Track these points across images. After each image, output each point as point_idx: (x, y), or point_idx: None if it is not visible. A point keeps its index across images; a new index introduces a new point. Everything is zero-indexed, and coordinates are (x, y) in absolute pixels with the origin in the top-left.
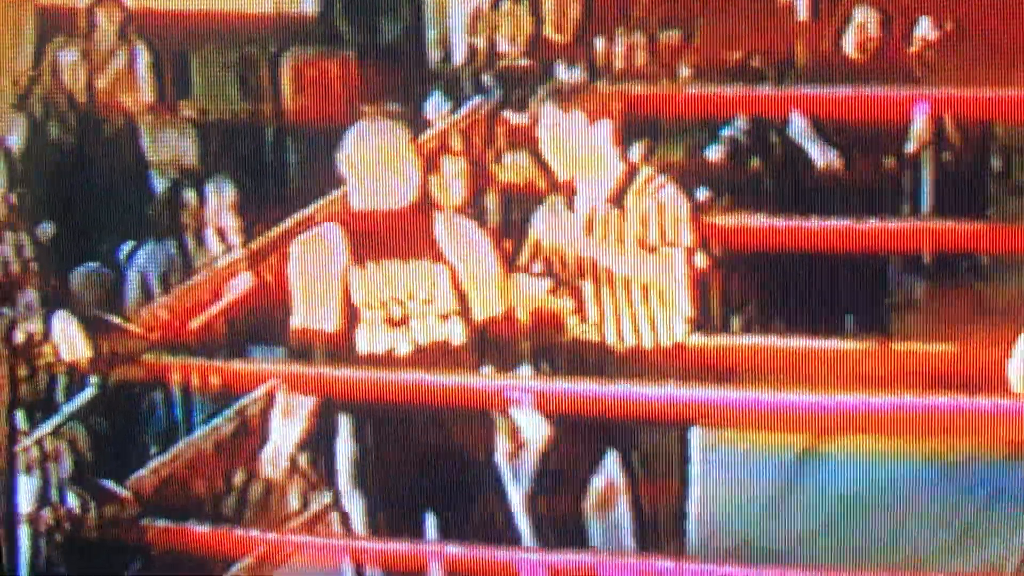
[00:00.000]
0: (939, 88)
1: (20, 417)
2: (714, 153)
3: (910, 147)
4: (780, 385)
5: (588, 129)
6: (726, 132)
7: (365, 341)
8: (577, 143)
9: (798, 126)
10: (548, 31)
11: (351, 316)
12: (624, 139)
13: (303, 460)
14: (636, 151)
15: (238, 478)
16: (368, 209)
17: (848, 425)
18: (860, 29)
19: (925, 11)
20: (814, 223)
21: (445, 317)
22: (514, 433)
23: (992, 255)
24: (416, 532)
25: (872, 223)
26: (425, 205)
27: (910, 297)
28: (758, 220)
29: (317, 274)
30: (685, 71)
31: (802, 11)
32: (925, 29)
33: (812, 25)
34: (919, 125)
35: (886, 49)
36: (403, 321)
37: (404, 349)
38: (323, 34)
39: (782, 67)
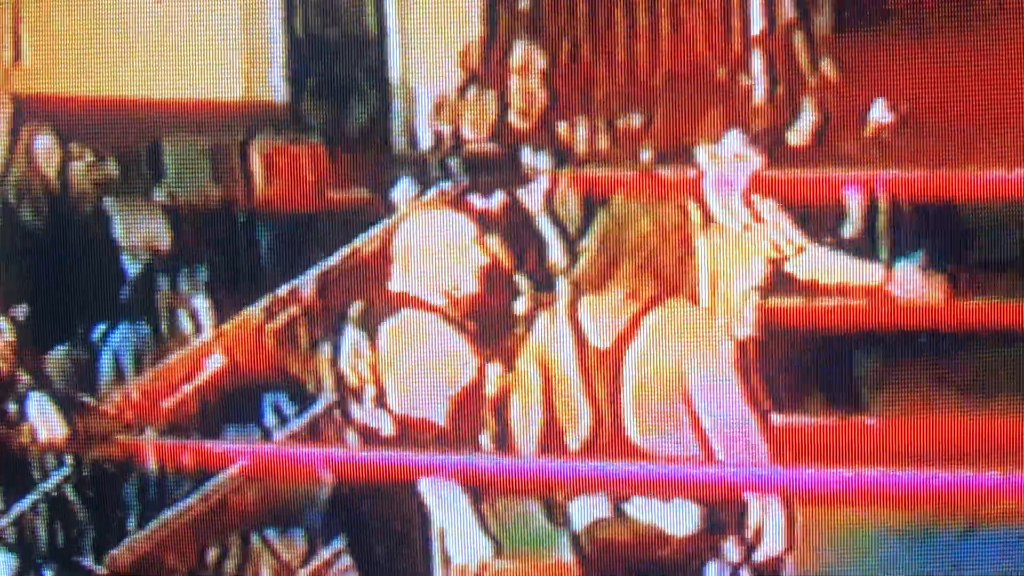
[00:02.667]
0: (893, 169)
1: None
2: None
3: (852, 229)
4: None
5: None
6: None
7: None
8: None
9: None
10: (512, 117)
11: None
12: None
13: (273, 536)
14: None
15: (212, 555)
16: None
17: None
18: (810, 114)
19: (880, 94)
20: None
21: None
22: None
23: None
24: None
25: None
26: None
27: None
28: None
29: None
30: (646, 154)
31: (760, 93)
32: (880, 112)
33: (768, 108)
34: (858, 206)
35: (836, 133)
36: None
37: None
38: (292, 122)
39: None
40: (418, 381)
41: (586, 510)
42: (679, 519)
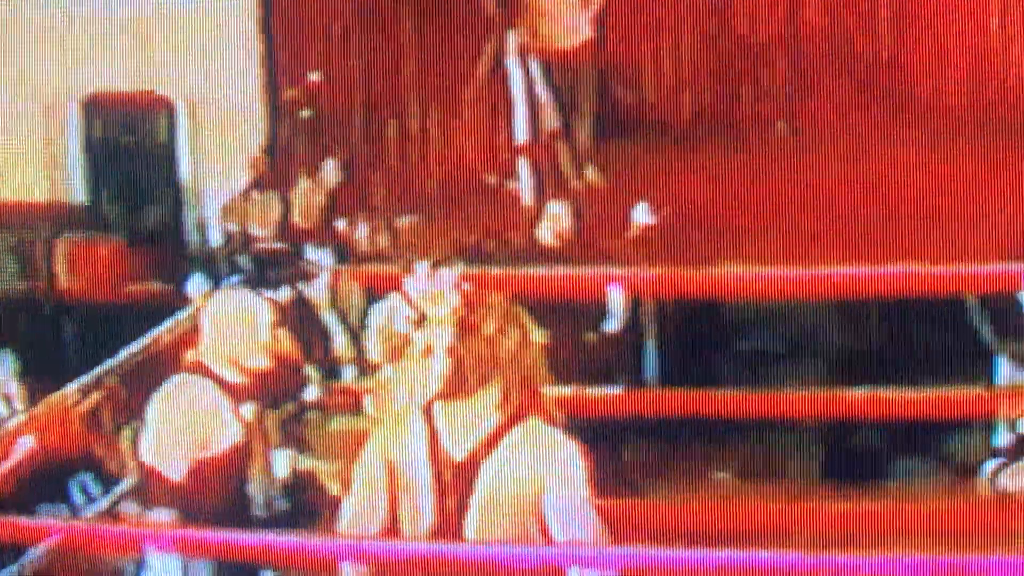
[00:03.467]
0: (653, 269)
1: None
2: None
3: (613, 324)
4: None
5: None
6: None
7: None
8: None
9: None
10: (295, 217)
11: None
12: None
13: None
14: None
15: None
16: None
17: None
18: (554, 220)
19: (642, 198)
20: None
21: None
22: None
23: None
24: None
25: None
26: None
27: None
28: None
29: None
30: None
31: (527, 197)
32: (643, 214)
33: (534, 211)
34: (618, 302)
35: (599, 233)
36: None
37: None
38: (93, 220)
39: (503, 249)
40: (169, 437)
41: None
42: None
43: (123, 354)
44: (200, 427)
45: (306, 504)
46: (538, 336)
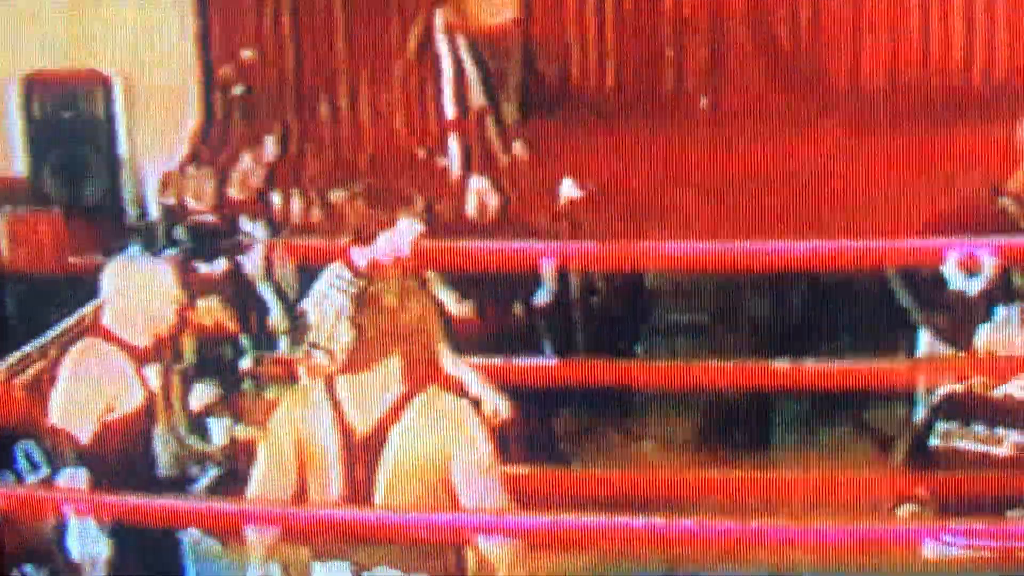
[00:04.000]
0: (579, 242)
1: None
2: None
3: (543, 296)
4: None
5: None
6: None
7: None
8: None
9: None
10: (231, 191)
11: None
12: None
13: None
14: None
15: None
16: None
17: None
18: (479, 194)
19: (568, 173)
20: None
21: None
22: None
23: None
24: None
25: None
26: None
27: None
28: None
29: None
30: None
31: (456, 169)
32: (569, 189)
33: (462, 184)
34: (548, 275)
35: (527, 208)
36: None
37: None
38: (33, 195)
39: (433, 221)
40: (77, 399)
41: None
42: None
43: (63, 324)
44: (105, 389)
45: (240, 471)
46: (457, 309)
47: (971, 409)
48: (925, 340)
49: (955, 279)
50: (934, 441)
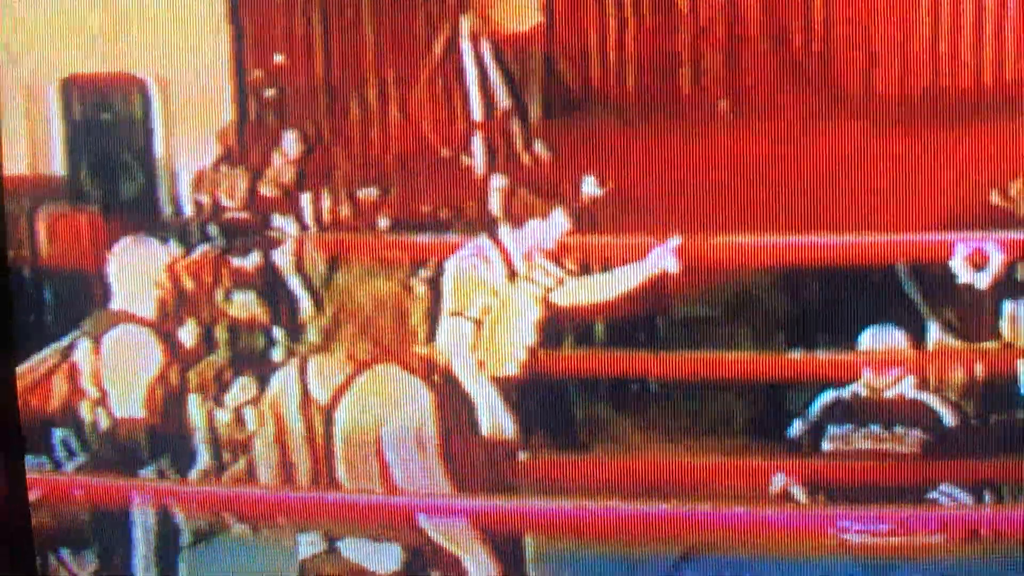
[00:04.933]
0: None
1: None
2: None
3: None
4: None
5: None
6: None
7: None
8: None
9: None
10: (263, 188)
11: None
12: None
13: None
14: None
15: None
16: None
17: None
18: (500, 193)
19: (588, 172)
20: None
21: None
22: None
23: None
24: None
25: None
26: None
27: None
28: None
29: None
30: (384, 222)
31: (480, 167)
32: (590, 187)
33: (487, 183)
34: None
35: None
36: None
37: None
38: (71, 192)
39: (461, 217)
40: (132, 386)
41: (308, 545)
42: (383, 558)
43: (94, 316)
44: (138, 365)
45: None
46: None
47: (863, 412)
48: (933, 333)
49: (963, 273)
50: (827, 446)
